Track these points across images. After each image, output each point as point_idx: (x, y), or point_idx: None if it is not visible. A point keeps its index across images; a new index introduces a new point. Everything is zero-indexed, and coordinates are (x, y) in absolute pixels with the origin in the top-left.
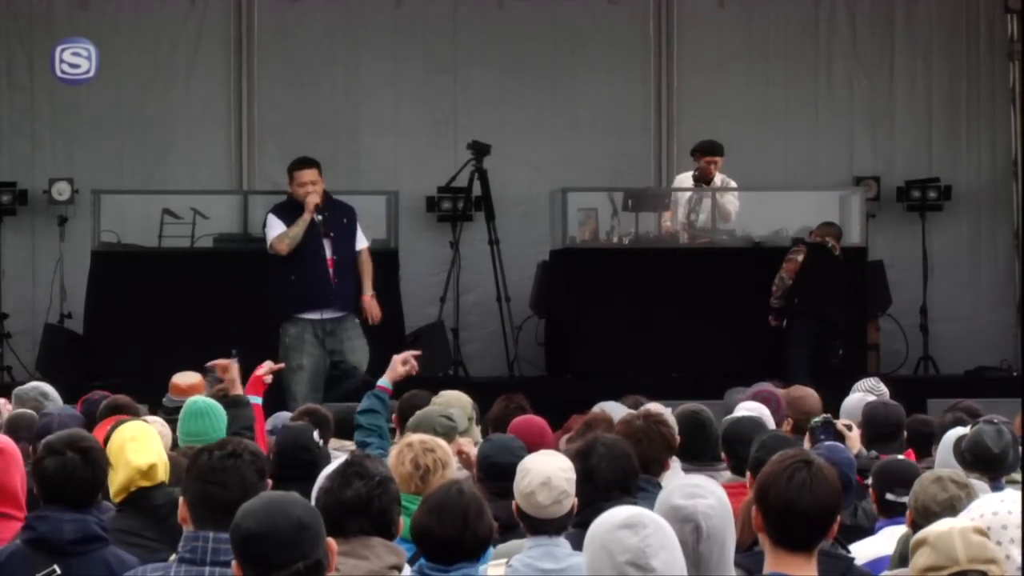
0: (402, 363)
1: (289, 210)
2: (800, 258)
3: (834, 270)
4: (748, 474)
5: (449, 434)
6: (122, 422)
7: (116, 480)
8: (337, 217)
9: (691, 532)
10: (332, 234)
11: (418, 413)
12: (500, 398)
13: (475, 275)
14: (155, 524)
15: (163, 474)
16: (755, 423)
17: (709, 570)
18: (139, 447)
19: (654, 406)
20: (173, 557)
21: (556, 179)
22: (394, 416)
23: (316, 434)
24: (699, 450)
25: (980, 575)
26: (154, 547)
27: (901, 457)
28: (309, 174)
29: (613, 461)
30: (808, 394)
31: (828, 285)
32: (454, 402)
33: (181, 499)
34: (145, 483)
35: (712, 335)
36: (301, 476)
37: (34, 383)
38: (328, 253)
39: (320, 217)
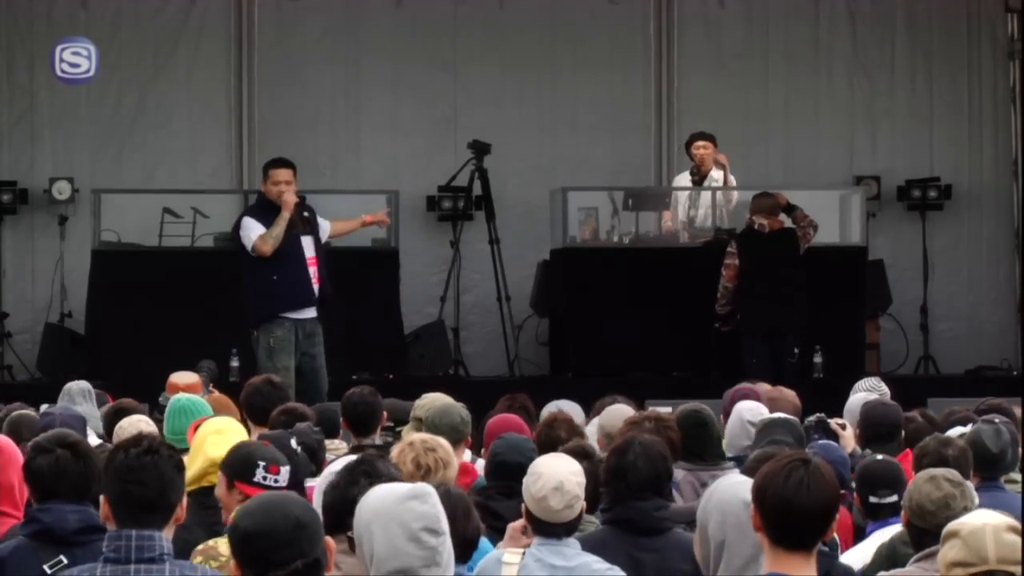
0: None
1: (263, 211)
2: (736, 262)
3: (770, 259)
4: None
5: (463, 430)
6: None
7: (191, 470)
8: (312, 216)
9: None
10: (312, 234)
11: (435, 410)
12: (503, 398)
13: (475, 275)
14: (205, 522)
15: None
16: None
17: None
18: (221, 440)
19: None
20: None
21: (556, 179)
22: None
23: (294, 440)
24: (702, 449)
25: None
26: (198, 541)
27: (881, 457)
28: (284, 174)
29: (649, 461)
30: (783, 396)
31: (766, 284)
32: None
33: (102, 498)
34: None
35: (712, 334)
36: None
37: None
38: (310, 252)
39: (305, 213)
